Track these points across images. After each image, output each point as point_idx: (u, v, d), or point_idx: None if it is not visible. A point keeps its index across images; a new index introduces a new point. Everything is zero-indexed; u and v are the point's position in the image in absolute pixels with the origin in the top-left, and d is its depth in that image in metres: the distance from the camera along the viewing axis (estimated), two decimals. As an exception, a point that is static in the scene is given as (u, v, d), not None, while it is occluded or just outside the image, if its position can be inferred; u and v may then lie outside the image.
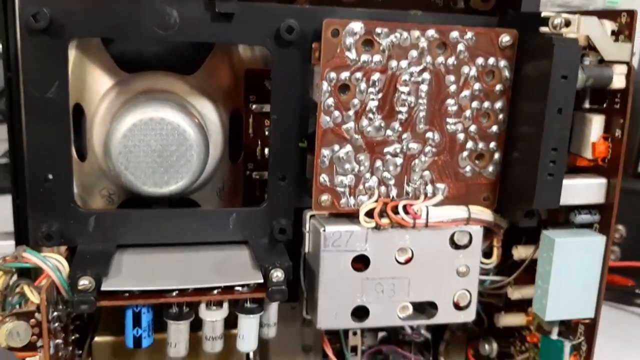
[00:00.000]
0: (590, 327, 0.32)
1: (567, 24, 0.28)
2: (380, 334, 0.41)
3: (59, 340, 0.26)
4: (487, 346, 0.38)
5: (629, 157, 0.66)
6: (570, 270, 0.30)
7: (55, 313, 0.26)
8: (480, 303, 0.37)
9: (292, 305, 0.34)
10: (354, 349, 0.37)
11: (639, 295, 0.62)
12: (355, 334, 0.37)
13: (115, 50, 0.32)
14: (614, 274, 0.64)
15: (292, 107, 0.29)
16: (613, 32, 0.30)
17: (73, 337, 0.29)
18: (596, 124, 0.30)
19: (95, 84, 0.32)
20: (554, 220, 0.32)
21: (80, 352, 0.30)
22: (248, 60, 0.33)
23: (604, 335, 0.56)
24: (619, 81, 0.29)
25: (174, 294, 0.27)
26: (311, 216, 0.31)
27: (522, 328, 0.36)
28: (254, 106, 0.33)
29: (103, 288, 0.26)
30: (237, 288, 0.27)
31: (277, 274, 0.27)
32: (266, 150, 0.32)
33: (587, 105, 0.30)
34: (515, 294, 0.34)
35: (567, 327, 0.33)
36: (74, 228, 0.28)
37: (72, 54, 0.31)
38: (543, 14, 0.28)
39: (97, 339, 0.30)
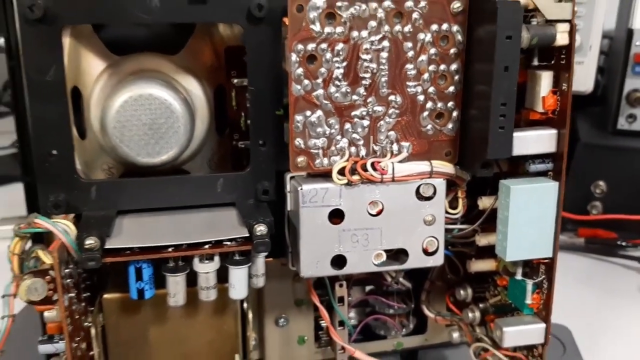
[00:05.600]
0: (549, 266, 0.35)
1: (511, -12, 0.31)
2: (368, 288, 0.45)
3: (71, 294, 0.30)
4: (462, 292, 0.41)
5: (608, 116, 0.69)
6: (526, 214, 0.33)
7: (67, 270, 0.30)
8: (454, 253, 0.40)
9: (283, 262, 0.38)
10: (341, 300, 0.40)
11: (622, 246, 0.66)
12: (341, 285, 0.40)
13: (106, 36, 0.35)
14: (597, 227, 0.67)
15: (267, 79, 0.32)
16: (558, -7, 0.32)
17: (85, 295, 0.33)
18: (545, 80, 0.33)
19: (89, 67, 0.35)
20: (515, 171, 0.35)
21: (92, 308, 0.34)
22: (228, 38, 0.36)
23: (587, 286, 0.60)
24: (562, 38, 0.32)
25: (170, 249, 0.30)
26: (291, 178, 0.34)
27: (494, 273, 0.39)
28: (235, 81, 0.36)
29: (107, 246, 0.29)
30: (225, 242, 0.31)
31: (261, 228, 0.31)
32: (249, 121, 0.35)
33: (536, 62, 0.33)
34: (482, 240, 0.37)
35: (531, 268, 0.36)
36: (78, 197, 0.31)
37: (67, 41, 0.34)
38: (487, -19, 0.31)
39: (106, 295, 0.34)
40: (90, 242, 0.29)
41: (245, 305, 0.35)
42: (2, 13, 0.34)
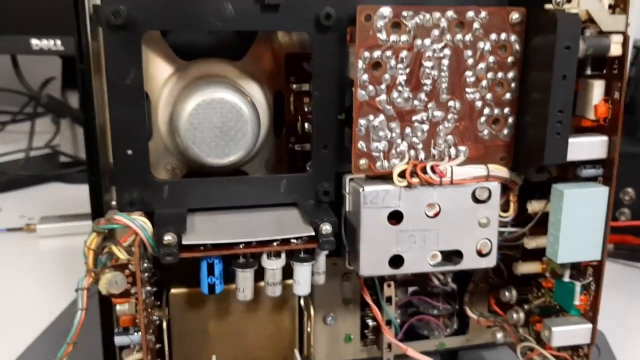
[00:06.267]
0: (598, 269, 0.36)
1: (569, 0, 0.32)
2: (411, 289, 0.46)
3: (148, 288, 0.31)
4: (507, 293, 0.42)
5: (637, 124, 0.70)
6: (578, 218, 0.34)
7: (145, 265, 0.31)
8: (500, 256, 0.41)
9: (334, 261, 0.39)
10: (389, 300, 0.42)
11: (650, 252, 0.67)
12: (389, 285, 0.41)
13: (173, 41, 0.36)
14: (625, 233, 0.68)
15: (330, 84, 0.34)
16: (610, 6, 0.34)
17: (153, 290, 0.34)
18: (597, 88, 0.34)
19: (157, 71, 0.36)
20: (564, 176, 0.37)
21: (159, 302, 0.35)
22: (287, 45, 0.38)
23: (617, 290, 0.61)
24: (616, 49, 0.33)
25: (241, 246, 0.32)
26: (350, 179, 0.35)
27: (538, 276, 0.40)
28: (294, 86, 0.37)
29: (183, 242, 0.31)
30: (292, 240, 0.32)
31: (326, 227, 0.32)
32: (306, 125, 0.37)
33: (589, 72, 0.34)
34: (531, 243, 0.38)
35: (578, 270, 0.37)
36: (152, 195, 0.33)
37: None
38: (546, -7, 0.32)
39: (173, 290, 0.35)
40: (168, 238, 0.30)
41: (302, 302, 0.36)
42: (74, 18, 0.36)
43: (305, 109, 0.37)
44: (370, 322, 0.43)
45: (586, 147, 0.34)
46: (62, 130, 0.85)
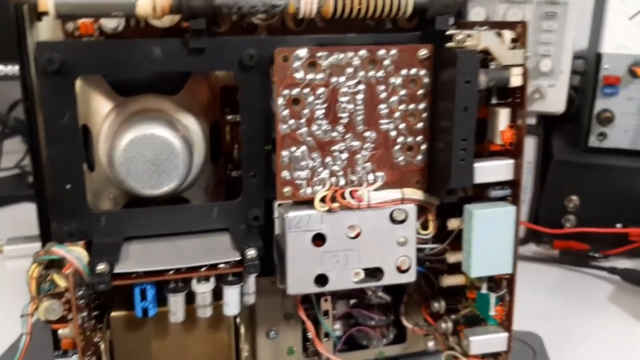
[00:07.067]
0: (510, 281, 0.39)
1: (469, 37, 0.35)
2: (352, 301, 0.49)
3: (84, 314, 0.34)
4: (436, 304, 0.45)
5: (581, 134, 0.73)
6: (487, 235, 0.37)
7: (80, 292, 0.33)
8: (429, 269, 0.44)
9: (272, 280, 0.42)
10: (326, 313, 0.44)
11: (594, 257, 0.70)
12: (326, 300, 0.44)
13: (112, 79, 0.39)
14: (571, 240, 0.72)
15: (257, 118, 0.36)
16: (514, 40, 0.37)
17: (94, 313, 0.37)
18: (503, 116, 0.37)
19: (97, 107, 0.39)
20: (479, 196, 0.40)
21: (101, 325, 0.38)
22: (222, 78, 0.40)
23: (560, 295, 0.64)
24: (516, 80, 0.36)
25: (171, 272, 0.34)
26: (278, 205, 0.38)
27: (464, 287, 0.43)
28: (229, 117, 0.40)
29: (116, 271, 0.33)
30: (220, 265, 0.35)
31: (251, 252, 0.35)
32: (241, 154, 0.39)
33: (494, 101, 0.37)
34: (451, 258, 0.41)
35: (495, 283, 0.40)
36: (89, 226, 0.35)
37: (77, 84, 0.38)
38: (448, 32, 0.35)
39: (113, 314, 0.38)
40: (101, 267, 0.33)
41: (238, 320, 0.39)
42: (19, 58, 0.38)
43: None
44: (311, 335, 0.46)
45: (493, 170, 0.37)
46: (31, 151, 0.86)
